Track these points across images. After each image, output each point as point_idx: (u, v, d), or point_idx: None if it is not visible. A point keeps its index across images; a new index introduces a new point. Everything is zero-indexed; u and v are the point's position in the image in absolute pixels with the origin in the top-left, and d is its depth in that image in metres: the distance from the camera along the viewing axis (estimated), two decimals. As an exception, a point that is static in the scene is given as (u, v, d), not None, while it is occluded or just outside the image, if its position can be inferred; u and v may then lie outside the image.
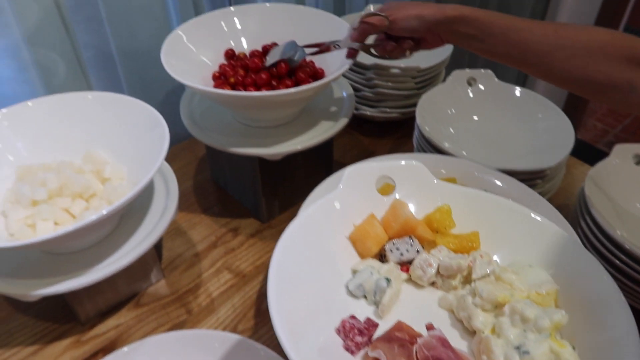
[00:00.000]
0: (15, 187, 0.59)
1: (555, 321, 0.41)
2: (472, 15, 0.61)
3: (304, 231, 0.48)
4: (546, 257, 0.49)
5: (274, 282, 0.42)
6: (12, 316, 0.67)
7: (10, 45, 0.75)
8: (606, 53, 0.54)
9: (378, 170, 0.55)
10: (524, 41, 0.59)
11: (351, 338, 0.44)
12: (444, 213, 0.54)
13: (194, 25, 0.75)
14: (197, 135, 0.72)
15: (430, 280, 0.51)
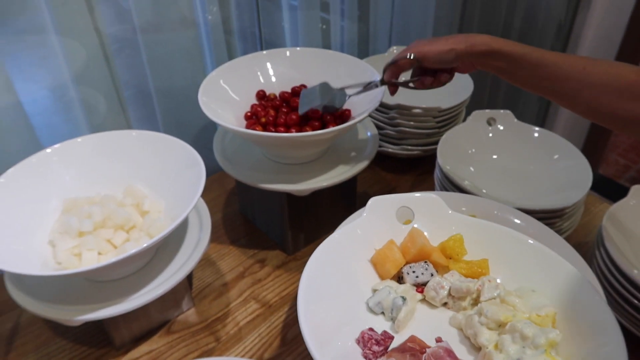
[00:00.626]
0: (63, 218, 0.64)
1: (550, 339, 0.45)
2: (502, 50, 0.63)
3: (331, 253, 0.54)
4: (548, 283, 0.53)
5: (303, 296, 0.47)
6: (52, 340, 0.71)
7: (59, 85, 0.81)
8: (633, 93, 0.56)
9: (398, 201, 0.60)
10: (553, 76, 0.61)
11: (369, 347, 0.48)
12: (456, 241, 0.59)
13: (229, 68, 0.80)
14: (229, 171, 0.76)
15: (442, 301, 0.56)
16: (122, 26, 0.84)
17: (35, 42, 0.76)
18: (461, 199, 0.74)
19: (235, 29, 0.98)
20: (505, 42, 0.63)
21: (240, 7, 0.97)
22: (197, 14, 0.91)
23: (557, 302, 0.51)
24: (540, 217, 0.73)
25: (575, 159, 0.83)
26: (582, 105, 0.61)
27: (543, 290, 0.52)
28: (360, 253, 0.58)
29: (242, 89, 0.81)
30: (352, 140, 0.83)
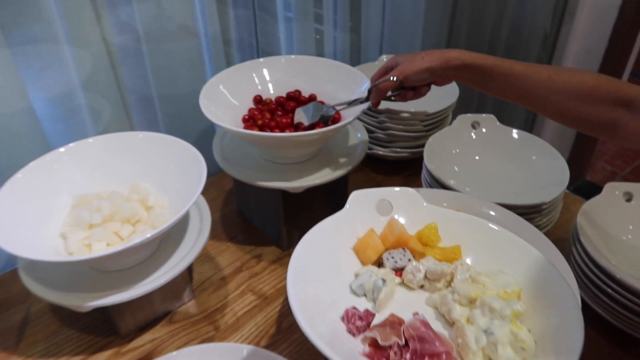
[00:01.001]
0: (74, 212, 0.68)
1: (515, 310, 0.51)
2: (474, 63, 0.68)
3: (317, 241, 0.60)
4: (515, 265, 0.58)
5: (292, 278, 0.53)
6: (60, 330, 0.75)
7: (69, 91, 0.86)
8: (594, 97, 0.62)
9: (378, 195, 0.66)
10: (521, 86, 0.67)
11: (353, 323, 0.54)
12: (431, 229, 0.64)
13: (229, 74, 0.86)
14: (228, 170, 0.81)
15: (419, 283, 0.61)
16: (127, 36, 0.90)
17: (47, 50, 0.81)
18: (446, 196, 0.79)
19: (234, 39, 1.04)
20: (477, 56, 0.69)
21: (238, 18, 1.03)
22: (197, 24, 0.96)
23: (523, 281, 0.56)
24: (520, 213, 0.78)
25: (554, 160, 0.89)
26: (550, 110, 0.67)
27: (510, 271, 0.58)
28: (343, 241, 0.63)
29: (240, 94, 0.86)
30: (344, 142, 0.88)
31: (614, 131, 0.62)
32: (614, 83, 0.63)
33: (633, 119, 0.60)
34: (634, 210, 0.80)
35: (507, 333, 0.49)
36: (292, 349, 0.73)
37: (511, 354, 0.49)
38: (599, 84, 0.63)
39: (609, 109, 0.62)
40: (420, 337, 0.50)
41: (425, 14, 1.30)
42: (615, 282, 0.68)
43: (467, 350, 0.50)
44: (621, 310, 0.69)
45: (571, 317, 0.49)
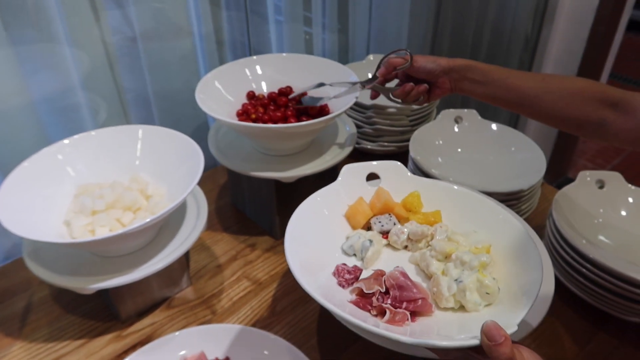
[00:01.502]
0: (78, 199, 0.72)
1: (482, 261, 0.57)
2: (478, 65, 0.76)
3: (312, 208, 0.65)
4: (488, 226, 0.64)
5: (289, 237, 0.58)
6: (63, 316, 0.78)
7: (68, 89, 0.90)
8: (583, 97, 0.69)
9: (367, 168, 0.72)
10: (518, 86, 0.73)
11: (342, 276, 0.60)
12: (414, 197, 0.70)
13: (223, 71, 0.90)
14: (222, 161, 0.85)
15: (403, 244, 0.67)
16: (124, 36, 0.93)
17: (47, 50, 0.85)
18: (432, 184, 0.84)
19: (227, 39, 1.08)
20: (479, 62, 0.77)
21: (230, 20, 1.07)
22: (192, 24, 1.00)
23: (493, 239, 0.62)
24: (500, 200, 0.82)
25: (531, 150, 0.94)
26: (543, 110, 0.72)
27: (483, 231, 0.64)
28: (336, 209, 0.69)
29: (234, 89, 0.90)
30: (333, 135, 0.92)
31: (601, 130, 0.68)
32: (602, 86, 0.69)
33: (618, 118, 0.66)
34: (605, 196, 0.85)
35: (474, 280, 0.55)
36: (285, 330, 0.76)
37: (477, 298, 0.55)
38: (588, 85, 0.70)
39: (596, 108, 0.68)
40: (399, 285, 0.57)
41: (410, 16, 1.35)
42: (588, 261, 0.73)
43: (441, 296, 0.56)
44: (594, 288, 0.74)
45: (533, 268, 0.55)
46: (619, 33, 1.89)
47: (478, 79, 0.76)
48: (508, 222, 0.63)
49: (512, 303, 0.53)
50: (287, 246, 0.57)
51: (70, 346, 0.74)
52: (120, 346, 0.74)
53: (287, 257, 0.55)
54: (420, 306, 0.56)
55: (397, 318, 0.54)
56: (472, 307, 0.55)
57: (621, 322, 0.76)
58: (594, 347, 0.74)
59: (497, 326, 0.45)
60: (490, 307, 0.56)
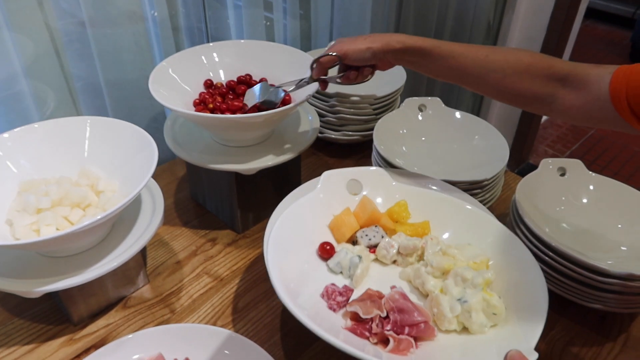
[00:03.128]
0: (21, 197, 0.67)
1: (486, 278, 0.54)
2: (415, 45, 0.70)
3: (293, 218, 0.61)
4: (480, 237, 0.62)
5: (272, 255, 0.53)
6: (8, 320, 0.74)
7: (9, 77, 0.84)
8: (530, 73, 0.66)
9: (349, 174, 0.68)
10: (461, 66, 0.69)
11: (333, 299, 0.55)
12: (401, 206, 0.67)
13: (178, 58, 0.85)
14: (180, 154, 0.81)
15: (393, 258, 0.63)
16: (71, 20, 0.88)
17: (-15, 35, 0.79)
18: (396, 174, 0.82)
19: (182, 24, 1.03)
20: (417, 39, 0.71)
21: (186, 4, 1.02)
22: (144, 9, 0.95)
23: (489, 251, 0.60)
24: (464, 189, 0.81)
25: (494, 138, 0.93)
26: (488, 88, 0.70)
27: (477, 243, 0.61)
28: (318, 220, 0.65)
29: (191, 78, 0.86)
30: (295, 126, 0.89)
31: (550, 105, 0.66)
32: (548, 59, 0.66)
33: (567, 93, 0.64)
34: (567, 184, 0.86)
35: (480, 300, 0.52)
36: (248, 327, 0.74)
37: (484, 319, 0.52)
38: (534, 60, 0.66)
39: (544, 83, 0.65)
40: (399, 308, 0.53)
41: (373, 2, 1.33)
42: (550, 249, 0.73)
43: (442, 318, 0.53)
44: (556, 275, 0.74)
45: (536, 282, 0.53)
46: (577, 20, 1.92)
47: (416, 61, 0.72)
48: (502, 233, 0.60)
49: (520, 323, 0.50)
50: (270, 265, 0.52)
51: (18, 352, 0.70)
52: (73, 350, 0.70)
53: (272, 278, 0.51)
54: (423, 330, 0.52)
55: (402, 347, 0.50)
56: (477, 329, 0.52)
57: (583, 309, 0.76)
58: (556, 334, 0.75)
59: (521, 356, 0.42)
60: (496, 327, 0.53)
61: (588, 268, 0.69)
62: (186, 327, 0.68)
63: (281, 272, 0.52)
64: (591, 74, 0.62)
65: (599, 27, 3.58)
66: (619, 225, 0.81)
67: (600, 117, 0.61)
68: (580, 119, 0.65)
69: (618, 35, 3.47)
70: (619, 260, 0.76)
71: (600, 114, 0.61)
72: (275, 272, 0.51)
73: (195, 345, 0.66)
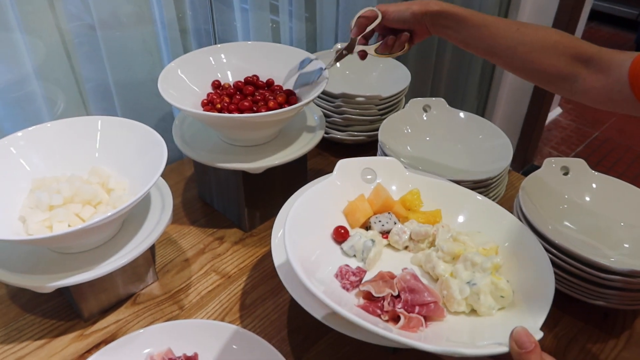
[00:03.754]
0: (34, 194, 0.68)
1: (495, 263, 0.56)
2: (451, 11, 0.73)
3: (309, 202, 0.62)
4: (491, 226, 0.64)
5: (289, 236, 0.54)
6: (20, 316, 0.75)
7: (22, 79, 0.85)
8: (557, 50, 0.67)
9: (363, 163, 0.70)
10: (492, 35, 0.71)
11: (347, 278, 0.57)
12: (414, 195, 0.69)
13: (186, 59, 0.87)
14: (187, 153, 0.83)
15: (404, 244, 0.65)
16: (82, 22, 0.89)
17: (-1, 37, 0.80)
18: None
19: (190, 26, 1.05)
20: (454, 6, 0.74)
21: (194, 6, 1.04)
22: (153, 11, 0.97)
23: (498, 239, 0.61)
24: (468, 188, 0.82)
25: (498, 138, 0.94)
26: (516, 62, 0.71)
27: (487, 232, 0.63)
28: (332, 207, 0.66)
29: (199, 79, 0.88)
30: (302, 125, 0.91)
31: (572, 85, 0.67)
32: (576, 40, 0.68)
33: (590, 74, 0.65)
34: (570, 182, 0.86)
35: (488, 283, 0.53)
36: (255, 323, 0.75)
37: (492, 301, 0.53)
38: (561, 39, 0.68)
39: (569, 63, 0.66)
40: (410, 288, 0.54)
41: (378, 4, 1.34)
42: (553, 246, 0.74)
43: (452, 300, 0.54)
44: (559, 273, 0.75)
45: (543, 269, 0.54)
46: (581, 23, 1.93)
47: (451, 26, 0.74)
48: (512, 223, 0.62)
49: (526, 306, 0.52)
50: (289, 245, 0.53)
51: (30, 347, 0.71)
52: (83, 345, 0.72)
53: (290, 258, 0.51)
54: (433, 310, 0.53)
55: (412, 324, 0.52)
56: (485, 311, 0.53)
57: (586, 305, 0.77)
58: (559, 330, 0.75)
59: (527, 332, 0.43)
60: (503, 310, 0.54)
61: (590, 265, 0.70)
62: (194, 323, 0.69)
63: (298, 254, 0.53)
64: (615, 58, 0.63)
65: (603, 29, 3.58)
66: (622, 222, 0.82)
67: (618, 101, 0.63)
68: (599, 101, 0.66)
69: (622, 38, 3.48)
70: (622, 257, 0.77)
71: (619, 96, 0.62)
72: (293, 250, 0.52)
73: (203, 340, 0.68)
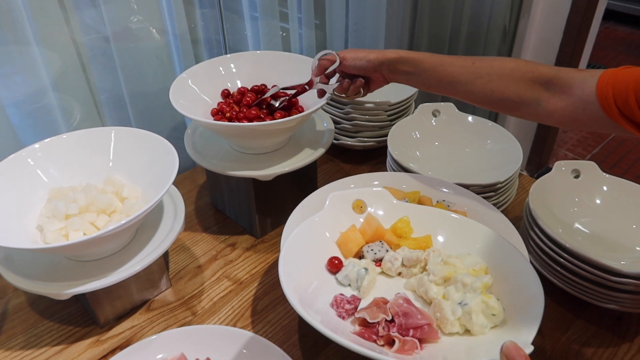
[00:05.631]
0: (51, 204, 0.71)
1: (485, 282, 0.57)
2: (408, 56, 0.75)
3: (303, 236, 0.65)
4: (479, 247, 0.65)
5: (283, 269, 0.57)
6: (40, 322, 0.77)
7: (39, 91, 0.88)
8: (514, 77, 0.68)
9: (354, 195, 0.72)
10: (450, 73, 0.72)
11: (342, 307, 0.59)
12: (404, 222, 0.70)
13: (197, 70, 0.89)
14: (200, 162, 0.84)
15: (397, 270, 0.66)
16: (96, 36, 0.92)
17: (17, 52, 0.83)
18: (411, 178, 0.84)
19: (202, 37, 1.07)
20: (411, 52, 0.75)
21: (205, 17, 1.06)
22: (165, 24, 0.99)
23: (487, 259, 0.62)
24: (477, 192, 0.83)
25: (507, 142, 0.94)
26: (477, 94, 0.72)
27: (475, 253, 0.64)
28: (326, 237, 0.69)
29: (209, 89, 0.89)
30: (311, 132, 0.92)
31: (536, 109, 0.68)
32: (532, 64, 0.68)
33: (551, 96, 0.66)
34: (581, 185, 0.86)
35: (479, 302, 0.55)
36: (267, 328, 0.76)
37: (484, 320, 0.54)
38: (517, 65, 0.69)
39: (529, 87, 0.67)
40: (404, 312, 0.56)
41: (387, 9, 1.35)
42: (563, 250, 0.74)
43: (445, 321, 0.55)
44: (570, 276, 0.74)
45: (531, 284, 0.55)
46: (595, 23, 1.91)
47: (410, 70, 0.75)
48: (497, 242, 0.63)
49: (518, 322, 0.53)
50: (283, 278, 0.56)
51: (48, 352, 0.73)
52: (99, 351, 0.73)
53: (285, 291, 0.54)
54: (427, 332, 0.55)
55: (407, 347, 0.53)
56: (478, 330, 0.54)
57: (599, 309, 0.77)
58: (572, 334, 0.75)
59: (516, 347, 0.44)
60: (496, 328, 0.55)
61: (601, 268, 0.70)
62: (207, 329, 0.71)
63: (294, 286, 0.55)
64: (575, 77, 0.64)
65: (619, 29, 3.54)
66: (634, 225, 0.81)
67: (583, 119, 0.64)
68: (564, 122, 0.67)
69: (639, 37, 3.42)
70: (634, 260, 0.76)
71: (584, 115, 0.63)
72: (289, 286, 0.55)
73: (216, 345, 0.69)
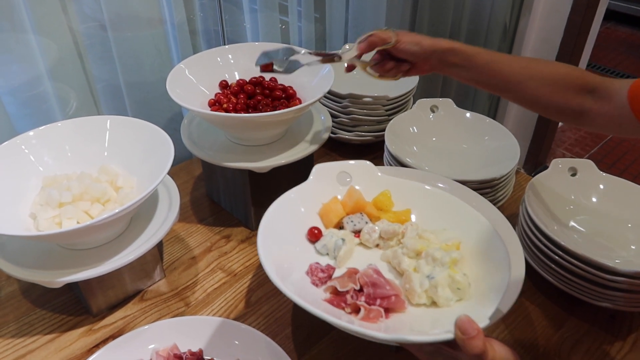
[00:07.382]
0: (44, 192, 0.70)
1: (453, 257, 0.58)
2: (461, 48, 0.73)
3: (285, 207, 0.66)
4: (457, 223, 0.66)
5: (262, 238, 0.58)
6: (31, 310, 0.77)
7: (35, 79, 0.88)
8: (565, 83, 0.69)
9: (338, 167, 0.73)
10: (502, 72, 0.72)
11: (316, 275, 0.60)
12: (385, 196, 0.71)
13: (194, 60, 0.88)
14: (196, 153, 0.84)
15: (375, 242, 0.67)
16: (93, 23, 0.91)
17: (13, 39, 0.82)
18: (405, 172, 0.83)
19: (200, 28, 1.06)
20: (465, 45, 0.74)
21: (204, 8, 1.05)
22: (163, 12, 0.98)
23: (462, 235, 0.64)
24: (473, 188, 0.82)
25: (505, 138, 0.94)
26: (525, 97, 0.72)
27: (453, 228, 0.65)
28: (308, 208, 0.69)
29: (207, 79, 0.89)
30: (308, 125, 0.91)
31: (581, 116, 0.69)
32: (581, 72, 0.70)
33: (596, 104, 0.67)
34: (577, 183, 0.86)
35: (446, 276, 0.56)
36: (260, 320, 0.76)
37: (449, 293, 0.56)
38: (569, 71, 0.70)
39: (576, 95, 0.68)
40: (372, 282, 0.57)
41: (388, 4, 1.34)
42: (559, 247, 0.74)
43: (413, 293, 0.57)
44: (565, 274, 0.74)
45: (501, 265, 0.56)
46: (595, 23, 1.91)
47: (461, 63, 0.74)
48: (476, 220, 0.64)
49: (482, 298, 0.55)
50: (260, 244, 0.57)
51: (39, 341, 0.73)
52: (92, 340, 0.73)
53: (261, 257, 0.55)
54: (394, 303, 0.57)
55: (372, 315, 0.55)
56: (443, 302, 0.56)
57: (592, 307, 0.76)
58: (565, 332, 0.75)
59: (470, 320, 0.46)
60: (461, 302, 0.57)
61: (596, 266, 0.70)
62: (200, 320, 0.70)
63: (272, 255, 0.57)
64: (615, 85, 0.66)
65: (620, 29, 3.53)
66: (629, 224, 0.81)
67: (622, 125, 0.65)
68: (607, 127, 0.68)
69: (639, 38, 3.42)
70: (629, 258, 0.76)
71: (622, 120, 0.64)
72: (266, 254, 0.56)
73: (208, 337, 0.69)
